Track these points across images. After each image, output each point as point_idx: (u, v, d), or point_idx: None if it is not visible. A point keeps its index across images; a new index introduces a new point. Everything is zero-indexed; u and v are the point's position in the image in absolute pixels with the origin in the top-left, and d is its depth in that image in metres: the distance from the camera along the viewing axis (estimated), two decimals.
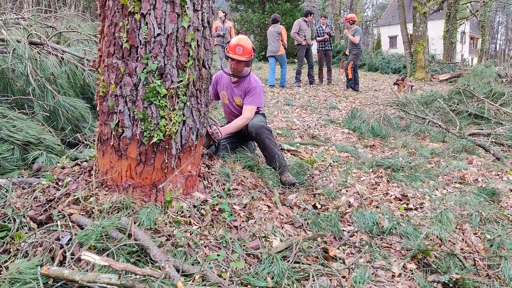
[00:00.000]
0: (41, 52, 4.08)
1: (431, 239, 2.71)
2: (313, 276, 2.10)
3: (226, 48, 3.51)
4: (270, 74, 10.28)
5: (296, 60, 12.16)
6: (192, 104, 2.48)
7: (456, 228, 2.98)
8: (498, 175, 4.28)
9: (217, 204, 2.59)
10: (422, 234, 2.69)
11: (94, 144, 2.76)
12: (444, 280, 2.23)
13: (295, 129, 5.75)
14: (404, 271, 2.38)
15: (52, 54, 4.11)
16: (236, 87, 3.64)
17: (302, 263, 2.25)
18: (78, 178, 2.70)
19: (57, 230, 2.19)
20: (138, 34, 2.24)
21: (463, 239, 2.84)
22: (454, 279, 2.20)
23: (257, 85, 3.60)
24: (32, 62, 3.77)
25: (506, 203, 3.52)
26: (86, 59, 4.36)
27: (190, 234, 2.30)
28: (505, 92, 7.72)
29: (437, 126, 6.08)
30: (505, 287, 2.23)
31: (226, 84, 3.71)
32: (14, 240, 2.18)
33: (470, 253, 2.65)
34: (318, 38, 10.71)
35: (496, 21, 53.84)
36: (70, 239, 2.14)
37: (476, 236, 2.92)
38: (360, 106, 7.17)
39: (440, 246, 2.64)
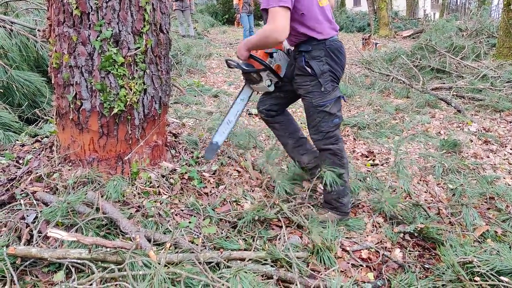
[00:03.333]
0: None
1: (396, 192, 2.81)
2: (284, 235, 2.15)
3: None
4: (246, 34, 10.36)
5: (261, 23, 11.97)
6: (152, 72, 2.40)
7: (420, 180, 3.09)
8: (459, 126, 4.43)
9: (186, 173, 2.58)
10: (387, 188, 2.77)
11: (53, 119, 2.66)
12: (410, 230, 2.32)
13: None
14: (373, 224, 2.46)
15: (0, 26, 3.86)
16: None
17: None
18: (39, 155, 2.61)
19: (21, 209, 2.13)
20: None
21: (426, 191, 2.95)
22: (419, 228, 2.29)
23: None
24: None
25: (467, 153, 3.67)
26: (38, 30, 4.12)
27: (160, 204, 2.29)
28: (465, 45, 7.90)
29: (401, 82, 6.18)
30: (466, 232, 2.35)
31: None
32: None
33: (434, 203, 2.76)
34: None
35: None
36: (36, 217, 2.09)
37: (440, 187, 3.04)
38: None
39: (405, 198, 2.74)
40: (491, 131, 4.25)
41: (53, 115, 2.58)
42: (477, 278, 1.84)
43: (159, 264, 1.67)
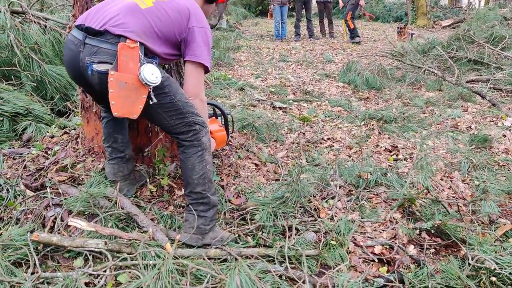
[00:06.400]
0: (24, 21, 4.02)
1: (417, 188, 2.75)
2: (297, 230, 2.16)
3: None
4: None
5: (294, 14, 11.85)
6: (171, 67, 2.45)
7: (444, 176, 3.01)
8: (493, 121, 4.25)
9: None
10: (407, 183, 2.72)
11: (79, 111, 2.78)
12: (427, 226, 2.27)
13: (289, 86, 5.70)
14: (389, 220, 2.42)
15: (35, 22, 4.04)
16: None
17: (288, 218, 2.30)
18: (66, 146, 2.74)
19: (47, 197, 2.25)
20: None
21: (450, 187, 2.87)
22: (436, 225, 2.24)
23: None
24: (14, 32, 3.72)
25: (498, 148, 3.51)
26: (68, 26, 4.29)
27: (177, 197, 2.35)
28: (506, 35, 7.52)
29: (433, 75, 5.98)
30: (487, 230, 2.27)
31: None
32: (7, 209, 2.26)
33: (456, 199, 2.68)
34: None
35: None
36: (60, 205, 2.20)
37: (465, 183, 2.95)
38: (356, 58, 7.05)
39: (426, 194, 2.68)
40: None
41: (79, 108, 2.69)
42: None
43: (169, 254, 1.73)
